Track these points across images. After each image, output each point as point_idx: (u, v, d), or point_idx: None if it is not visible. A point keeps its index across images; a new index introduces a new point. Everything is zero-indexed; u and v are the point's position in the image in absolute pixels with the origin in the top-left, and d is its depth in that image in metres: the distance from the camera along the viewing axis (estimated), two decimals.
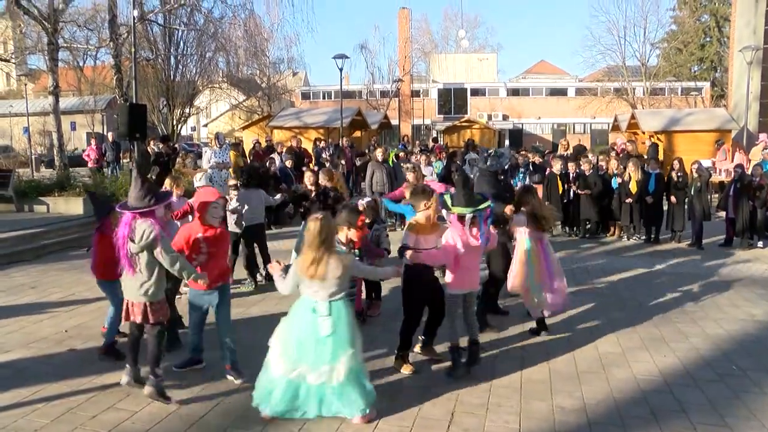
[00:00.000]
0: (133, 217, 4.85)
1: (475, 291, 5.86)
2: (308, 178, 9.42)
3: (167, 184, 8.09)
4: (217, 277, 5.42)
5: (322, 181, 9.16)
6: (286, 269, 4.75)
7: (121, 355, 5.77)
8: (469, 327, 5.65)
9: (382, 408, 4.84)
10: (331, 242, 4.60)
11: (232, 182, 9.11)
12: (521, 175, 14.13)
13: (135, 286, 4.92)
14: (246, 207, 8.41)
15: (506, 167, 10.72)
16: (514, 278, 6.59)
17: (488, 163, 7.77)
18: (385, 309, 7.41)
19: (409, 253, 5.27)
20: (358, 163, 17.24)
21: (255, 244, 8.79)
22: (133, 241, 4.81)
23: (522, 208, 6.67)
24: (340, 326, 4.53)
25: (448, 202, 5.49)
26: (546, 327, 6.71)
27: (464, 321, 5.64)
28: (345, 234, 5.89)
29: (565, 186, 12.53)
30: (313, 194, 8.96)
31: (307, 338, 4.50)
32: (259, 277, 8.78)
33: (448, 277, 5.48)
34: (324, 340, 4.48)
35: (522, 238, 6.63)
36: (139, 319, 4.98)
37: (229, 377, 5.42)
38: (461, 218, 5.36)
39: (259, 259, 8.83)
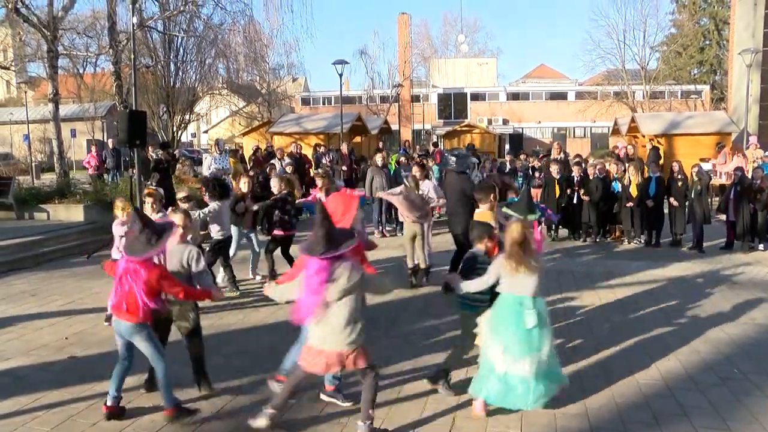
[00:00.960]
0: (331, 261, 4.23)
1: None
2: (244, 183, 9.46)
3: (118, 207, 7.12)
4: None
5: (280, 187, 9.09)
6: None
7: (195, 410, 4.90)
8: None
9: (383, 414, 4.83)
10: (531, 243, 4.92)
11: (181, 194, 8.25)
12: (520, 180, 14.13)
13: (340, 335, 4.28)
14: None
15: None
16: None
17: (457, 164, 8.93)
18: (384, 316, 7.40)
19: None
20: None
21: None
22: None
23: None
24: (542, 319, 4.86)
25: (509, 211, 6.50)
26: None
27: None
28: (484, 244, 5.55)
29: (565, 190, 12.50)
30: (248, 200, 9.11)
31: (518, 331, 4.79)
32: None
33: None
34: (530, 331, 4.78)
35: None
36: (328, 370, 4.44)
37: (336, 400, 5.10)
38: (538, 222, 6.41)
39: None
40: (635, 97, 44.30)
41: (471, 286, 5.09)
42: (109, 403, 4.85)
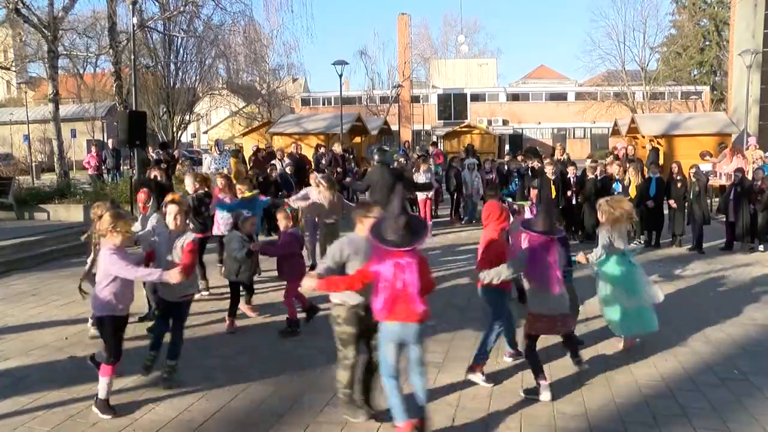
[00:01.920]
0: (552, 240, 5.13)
1: None
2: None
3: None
4: None
5: (194, 187, 8.65)
6: None
7: None
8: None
9: (382, 413, 4.83)
10: None
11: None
12: (516, 180, 14.11)
13: (562, 301, 5.19)
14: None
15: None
16: None
17: (383, 158, 9.84)
18: None
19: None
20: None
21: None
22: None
23: None
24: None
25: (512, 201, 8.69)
26: None
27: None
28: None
29: (560, 191, 12.43)
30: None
31: (630, 275, 6.26)
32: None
33: None
34: (638, 271, 6.39)
35: None
36: (563, 330, 5.48)
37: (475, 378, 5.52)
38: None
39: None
40: (635, 98, 44.30)
41: (600, 254, 6.24)
42: None
